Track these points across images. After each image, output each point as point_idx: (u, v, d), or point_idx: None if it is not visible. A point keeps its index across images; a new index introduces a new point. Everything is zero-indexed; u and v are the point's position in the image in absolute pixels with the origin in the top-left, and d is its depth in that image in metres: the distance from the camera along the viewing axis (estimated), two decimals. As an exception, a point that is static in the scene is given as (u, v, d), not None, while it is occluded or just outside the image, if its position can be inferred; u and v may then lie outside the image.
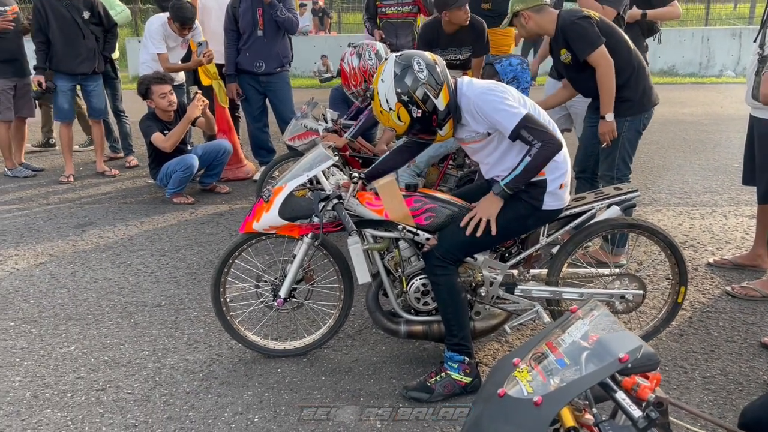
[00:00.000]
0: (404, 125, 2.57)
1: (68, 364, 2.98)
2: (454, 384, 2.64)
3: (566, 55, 3.47)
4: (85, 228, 4.80)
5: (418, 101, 2.50)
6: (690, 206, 4.99)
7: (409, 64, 2.52)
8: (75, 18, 5.68)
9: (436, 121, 2.57)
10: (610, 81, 3.39)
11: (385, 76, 2.54)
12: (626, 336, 1.37)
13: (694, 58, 13.35)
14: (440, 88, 2.52)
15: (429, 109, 2.53)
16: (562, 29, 3.40)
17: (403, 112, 2.53)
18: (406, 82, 2.50)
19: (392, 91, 2.51)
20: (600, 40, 3.35)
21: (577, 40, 3.37)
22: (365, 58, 4.00)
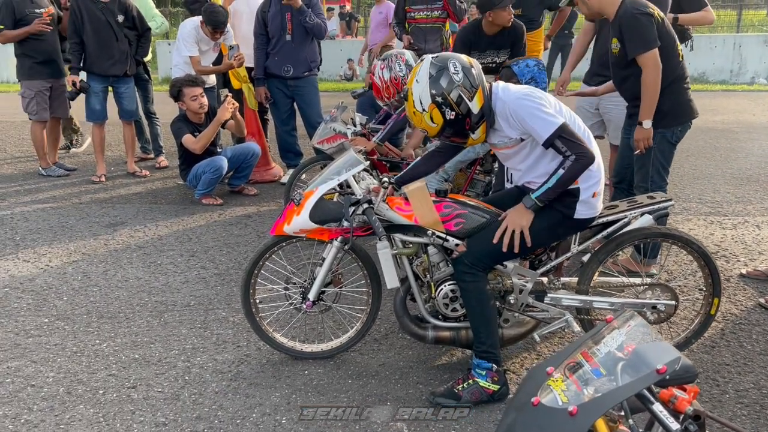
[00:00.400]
0: (437, 127, 2.57)
1: (100, 361, 3.03)
2: (482, 391, 2.63)
3: (616, 45, 3.40)
4: (116, 227, 4.89)
5: (452, 103, 2.50)
6: (721, 216, 4.91)
7: (445, 66, 2.51)
8: (109, 21, 5.79)
9: (470, 124, 2.56)
10: (655, 86, 3.33)
11: (420, 77, 2.54)
12: (664, 347, 1.35)
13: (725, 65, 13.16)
14: (475, 91, 2.52)
15: (463, 112, 2.52)
16: (622, 18, 3.31)
17: (437, 113, 2.53)
18: (441, 84, 2.49)
19: (426, 93, 2.51)
20: (655, 43, 3.28)
21: (633, 36, 3.29)
22: (396, 69, 4.03)
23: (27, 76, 6.02)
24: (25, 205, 5.45)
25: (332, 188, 2.84)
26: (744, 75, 13.04)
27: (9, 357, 3.06)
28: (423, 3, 5.54)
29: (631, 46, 3.31)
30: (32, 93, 6.00)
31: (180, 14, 17.80)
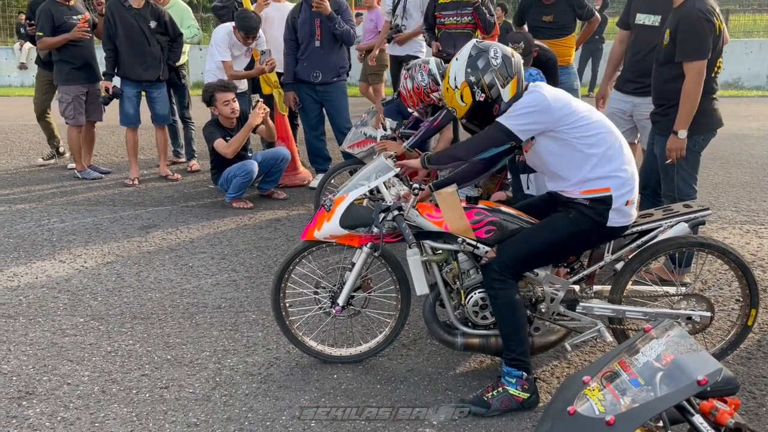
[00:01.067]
0: (465, 107, 2.61)
1: (133, 361, 3.08)
2: (512, 399, 2.61)
3: (667, 38, 3.35)
4: (149, 229, 4.97)
5: (485, 86, 2.54)
6: (758, 224, 4.80)
7: (486, 50, 2.57)
8: (142, 27, 5.91)
9: (497, 110, 2.59)
10: (696, 96, 3.27)
11: (460, 56, 2.61)
12: (704, 358, 1.33)
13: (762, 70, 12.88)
14: (510, 79, 2.55)
15: (493, 97, 2.56)
16: (685, 15, 3.24)
17: (467, 93, 2.57)
18: (478, 65, 2.55)
19: (462, 71, 2.56)
20: (706, 54, 3.23)
21: (688, 38, 3.22)
22: (417, 79, 4.07)
23: (65, 81, 6.17)
24: (61, 207, 5.57)
25: (363, 194, 2.85)
26: (780, 81, 12.76)
27: (46, 355, 3.13)
28: (453, 8, 5.54)
29: (684, 49, 3.25)
30: (69, 98, 6.15)
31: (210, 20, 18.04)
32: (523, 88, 2.59)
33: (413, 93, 4.10)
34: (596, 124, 2.54)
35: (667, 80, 3.42)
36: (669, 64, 3.38)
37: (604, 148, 2.52)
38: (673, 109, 3.39)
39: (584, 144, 2.52)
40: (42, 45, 6.09)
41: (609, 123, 2.63)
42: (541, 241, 2.59)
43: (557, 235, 2.58)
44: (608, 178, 2.52)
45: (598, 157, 2.52)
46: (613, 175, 2.52)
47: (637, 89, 4.29)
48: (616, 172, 2.53)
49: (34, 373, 2.98)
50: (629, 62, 4.34)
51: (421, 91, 4.06)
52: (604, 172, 2.52)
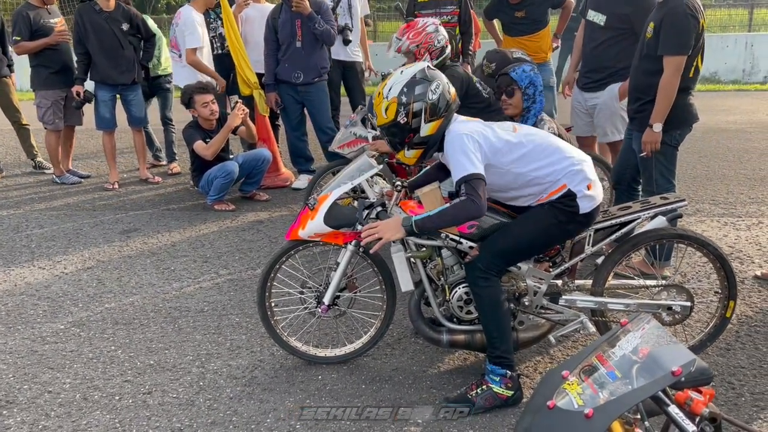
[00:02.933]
0: (386, 120, 2.61)
1: (116, 367, 3.06)
2: (496, 397, 2.62)
3: (651, 31, 3.39)
4: (130, 234, 4.93)
5: (411, 112, 2.55)
6: (735, 217, 4.87)
7: (431, 80, 2.58)
8: (114, 30, 5.85)
9: (410, 140, 2.62)
10: (672, 91, 3.33)
11: (406, 72, 2.61)
12: (679, 349, 1.35)
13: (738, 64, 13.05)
14: (435, 119, 2.57)
15: (412, 126, 2.58)
16: (671, 9, 3.28)
17: (393, 109, 2.57)
18: (415, 90, 2.56)
19: (399, 87, 2.57)
20: (687, 50, 3.27)
21: (672, 33, 3.27)
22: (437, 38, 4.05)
23: (43, 86, 6.09)
24: (39, 213, 5.51)
25: (347, 192, 2.86)
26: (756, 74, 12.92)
27: (26, 363, 3.09)
28: (432, 8, 5.55)
29: (667, 42, 3.30)
30: (48, 102, 6.07)
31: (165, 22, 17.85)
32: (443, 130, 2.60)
33: (423, 35, 4.07)
34: (518, 144, 2.58)
35: (647, 73, 3.46)
36: (649, 58, 3.42)
37: (539, 161, 2.57)
38: (650, 105, 3.43)
39: (518, 165, 2.57)
40: (19, 50, 6.00)
41: (532, 131, 2.68)
42: (523, 236, 2.62)
43: (537, 227, 2.61)
44: (559, 180, 2.57)
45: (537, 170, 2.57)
46: (562, 174, 2.57)
47: (587, 84, 4.41)
48: (563, 170, 2.57)
49: (14, 381, 2.94)
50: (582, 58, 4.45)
51: (427, 43, 4.07)
52: (551, 176, 2.57)
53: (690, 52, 3.29)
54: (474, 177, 2.45)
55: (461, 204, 2.46)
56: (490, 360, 2.67)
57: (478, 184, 2.45)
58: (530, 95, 3.43)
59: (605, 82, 4.31)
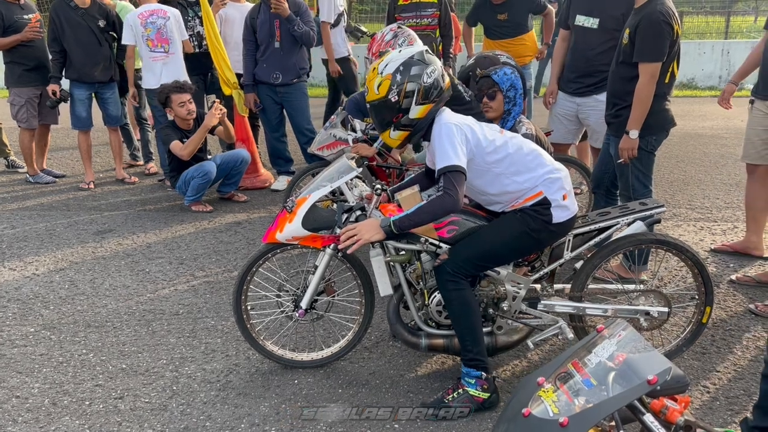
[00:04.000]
0: (377, 96, 2.58)
1: (87, 371, 2.99)
2: (472, 400, 2.61)
3: (626, 38, 3.41)
4: (104, 235, 4.84)
5: (403, 91, 2.53)
6: (711, 222, 4.92)
7: (427, 64, 2.57)
8: (91, 27, 5.75)
9: (398, 120, 2.60)
10: (648, 98, 3.35)
11: (404, 52, 2.60)
12: (655, 357, 1.34)
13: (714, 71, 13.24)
14: (426, 102, 2.56)
15: (402, 106, 2.56)
16: (646, 15, 3.30)
17: (386, 85, 2.55)
18: (411, 70, 2.54)
19: (395, 64, 2.56)
20: (661, 57, 3.29)
21: (646, 39, 3.29)
22: (397, 42, 3.99)
23: (17, 83, 5.96)
24: (11, 213, 5.39)
25: (325, 195, 2.83)
26: (732, 81, 13.14)
27: (-7, 368, 3.02)
28: (413, 10, 5.54)
29: (641, 49, 3.32)
30: (22, 100, 5.95)
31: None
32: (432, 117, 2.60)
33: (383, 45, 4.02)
34: (502, 146, 2.59)
35: (623, 79, 3.48)
36: (625, 64, 3.44)
37: (520, 165, 2.58)
38: (626, 111, 3.45)
39: (499, 166, 2.57)
40: (-8, 46, 5.88)
41: (516, 136, 2.68)
42: (492, 242, 2.61)
43: (508, 235, 2.60)
44: (536, 187, 2.57)
45: (517, 174, 2.58)
46: (540, 180, 2.57)
47: (579, 89, 4.41)
48: (541, 177, 2.57)
49: (-19, 386, 2.87)
50: (569, 63, 4.46)
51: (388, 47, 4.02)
52: (529, 182, 2.57)
53: (664, 58, 3.32)
54: (455, 169, 2.44)
55: (437, 200, 2.46)
56: (465, 363, 2.65)
57: (457, 177, 2.44)
58: (511, 98, 3.43)
59: (599, 86, 4.29)
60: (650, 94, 3.34)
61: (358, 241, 2.55)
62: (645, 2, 3.36)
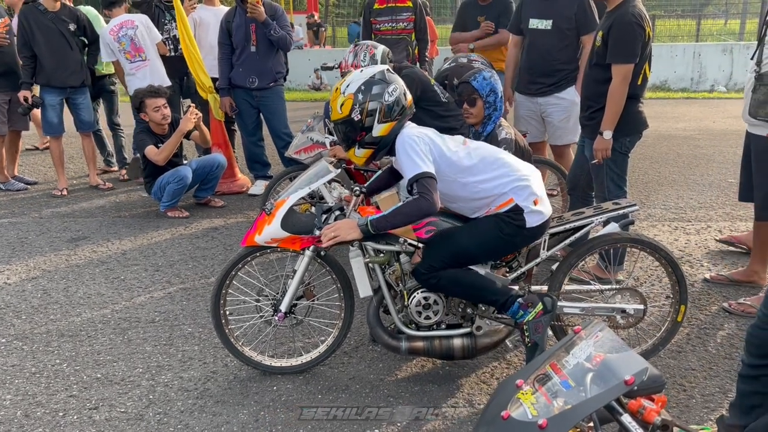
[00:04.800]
0: (340, 115, 2.60)
1: (60, 381, 2.93)
2: (537, 320, 2.64)
3: (599, 40, 3.46)
4: (78, 242, 4.76)
5: (365, 110, 2.56)
6: (685, 221, 4.99)
7: (389, 83, 2.60)
8: (61, 30, 5.66)
9: (361, 138, 2.61)
10: (621, 99, 3.40)
11: (367, 71, 2.62)
12: (632, 357, 1.35)
13: (686, 73, 13.48)
14: (388, 121, 2.58)
15: (365, 124, 2.58)
16: (619, 18, 3.35)
17: (348, 105, 2.57)
18: (372, 89, 2.56)
19: (357, 84, 2.58)
20: (634, 58, 3.35)
21: (620, 42, 3.34)
22: (359, 57, 4.04)
23: (-15, 89, 5.85)
24: (-18, 221, 5.28)
25: (304, 198, 2.82)
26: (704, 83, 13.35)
27: (-37, 380, 2.94)
28: (388, 14, 5.55)
29: (614, 51, 3.36)
30: (-9, 106, 5.83)
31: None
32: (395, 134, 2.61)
33: (352, 68, 4.06)
34: (466, 156, 2.62)
35: (597, 81, 3.52)
36: (599, 66, 3.49)
37: (486, 174, 2.60)
38: (600, 113, 3.49)
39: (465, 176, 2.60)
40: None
41: (480, 145, 2.71)
42: (466, 244, 2.62)
43: (481, 238, 2.62)
44: (506, 193, 2.59)
45: (484, 182, 2.59)
46: (508, 187, 2.59)
47: (540, 90, 4.51)
48: (510, 184, 2.59)
49: (-50, 399, 2.79)
50: (527, 65, 4.54)
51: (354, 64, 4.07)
52: (497, 189, 2.59)
53: (637, 60, 3.37)
54: (426, 175, 2.47)
55: (414, 202, 2.47)
56: (502, 310, 2.69)
57: (430, 183, 2.46)
58: (491, 102, 3.45)
59: (559, 85, 4.39)
60: (623, 95, 3.38)
61: (335, 238, 2.56)
62: (617, 5, 3.41)
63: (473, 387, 2.85)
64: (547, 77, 4.44)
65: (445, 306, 2.79)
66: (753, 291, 3.69)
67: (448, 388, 2.84)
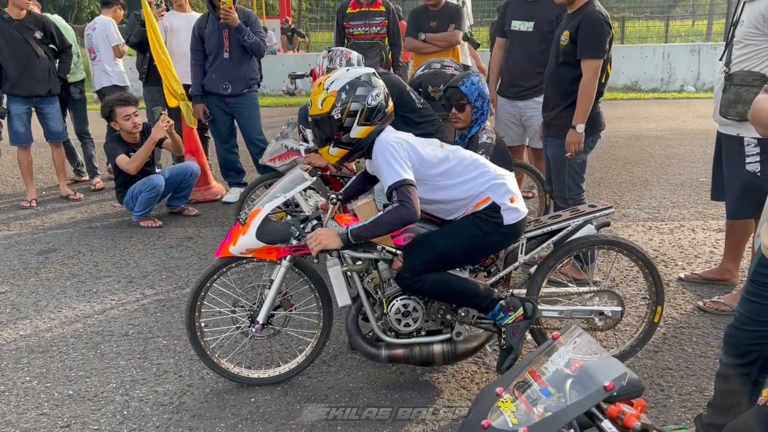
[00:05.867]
0: (320, 111, 2.58)
1: (30, 399, 2.85)
2: (515, 325, 2.65)
3: (566, 39, 3.50)
4: (48, 254, 4.65)
5: (346, 110, 2.54)
6: (659, 221, 5.05)
7: (374, 87, 2.59)
8: (26, 38, 5.55)
9: (338, 137, 2.60)
10: (591, 93, 3.46)
11: (352, 71, 2.61)
12: (611, 363, 1.35)
13: (656, 73, 13.69)
14: (368, 124, 2.57)
15: (344, 124, 2.56)
16: (586, 16, 3.41)
17: (330, 102, 2.55)
18: (357, 90, 2.55)
19: (341, 83, 2.56)
20: (603, 54, 3.41)
21: (589, 39, 3.40)
22: (336, 62, 4.01)
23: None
24: (-53, 235, 5.13)
25: (279, 207, 2.78)
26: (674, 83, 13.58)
27: (-72, 401, 2.84)
28: (361, 19, 5.53)
29: (585, 47, 3.42)
30: (-45, 117, 5.69)
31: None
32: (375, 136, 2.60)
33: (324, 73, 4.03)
34: (444, 159, 2.62)
35: (565, 81, 3.56)
36: (567, 65, 3.53)
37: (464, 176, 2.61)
38: (568, 111, 3.54)
39: (444, 178, 2.60)
40: None
41: (458, 148, 2.72)
42: (446, 246, 2.61)
43: (461, 238, 2.62)
44: (483, 192, 2.60)
45: (462, 183, 2.60)
46: (485, 186, 2.60)
47: (519, 93, 4.55)
48: (486, 183, 2.61)
49: None
50: (508, 68, 4.57)
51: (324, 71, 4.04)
52: (474, 189, 2.60)
53: (606, 56, 3.43)
54: (405, 183, 2.46)
55: (395, 211, 2.45)
56: (484, 311, 2.70)
57: (409, 190, 2.45)
58: (479, 107, 3.46)
59: (539, 88, 4.39)
60: (594, 89, 3.46)
61: (316, 247, 2.53)
62: (580, 6, 3.49)
63: (453, 393, 2.84)
64: (527, 80, 4.46)
65: (424, 313, 2.77)
66: (726, 289, 3.74)
67: (428, 395, 2.82)
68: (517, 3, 4.47)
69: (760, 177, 3.27)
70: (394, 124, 2.78)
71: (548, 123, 3.77)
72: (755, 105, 1.93)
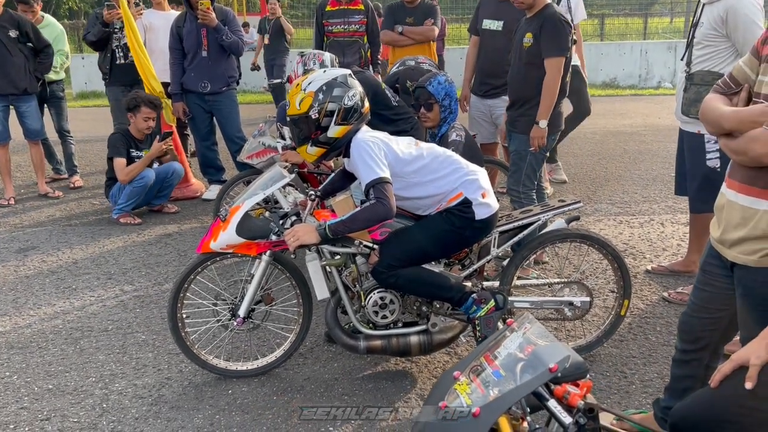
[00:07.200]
0: (298, 111, 2.65)
1: (10, 394, 2.90)
2: (488, 316, 2.73)
3: (529, 40, 3.60)
4: (27, 252, 4.67)
5: (323, 110, 2.62)
6: (629, 215, 5.19)
7: (350, 88, 2.66)
8: (0, 37, 5.54)
9: (315, 137, 2.67)
10: (555, 90, 3.57)
11: (329, 72, 2.68)
12: (556, 347, 1.44)
13: (634, 70, 13.90)
14: (345, 124, 2.65)
15: (321, 123, 2.64)
16: (547, 18, 3.53)
17: (307, 102, 2.62)
18: (334, 91, 2.62)
19: (319, 83, 2.63)
20: (566, 52, 3.53)
21: (552, 38, 3.51)
22: (310, 66, 4.09)
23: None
24: (-75, 233, 5.13)
25: (258, 203, 2.85)
26: (651, 80, 13.80)
27: None
28: (340, 16, 5.60)
29: (548, 46, 3.53)
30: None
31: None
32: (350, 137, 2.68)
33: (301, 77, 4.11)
34: (418, 156, 2.71)
35: (528, 80, 3.68)
36: (531, 65, 3.63)
37: (438, 172, 2.71)
38: (533, 109, 3.64)
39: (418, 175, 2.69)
40: None
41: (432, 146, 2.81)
42: (420, 240, 2.71)
43: (434, 233, 2.71)
44: (456, 188, 2.70)
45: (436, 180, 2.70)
46: (458, 182, 2.70)
47: (488, 91, 4.67)
48: (459, 179, 2.70)
49: None
50: (479, 66, 4.69)
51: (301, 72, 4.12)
52: (448, 185, 2.70)
53: (568, 54, 3.54)
54: (381, 181, 2.54)
55: (371, 207, 2.53)
56: (458, 305, 2.78)
57: (386, 187, 2.54)
58: (447, 106, 3.54)
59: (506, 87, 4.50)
60: (557, 86, 3.58)
61: (294, 243, 2.61)
62: (540, 9, 3.60)
63: (425, 382, 2.93)
64: (496, 78, 4.56)
65: (401, 305, 2.86)
66: (691, 280, 3.84)
67: (401, 384, 2.91)
68: (489, 2, 4.58)
69: (719, 172, 3.39)
70: (369, 122, 2.86)
71: (514, 119, 3.87)
72: (704, 104, 2.03)
